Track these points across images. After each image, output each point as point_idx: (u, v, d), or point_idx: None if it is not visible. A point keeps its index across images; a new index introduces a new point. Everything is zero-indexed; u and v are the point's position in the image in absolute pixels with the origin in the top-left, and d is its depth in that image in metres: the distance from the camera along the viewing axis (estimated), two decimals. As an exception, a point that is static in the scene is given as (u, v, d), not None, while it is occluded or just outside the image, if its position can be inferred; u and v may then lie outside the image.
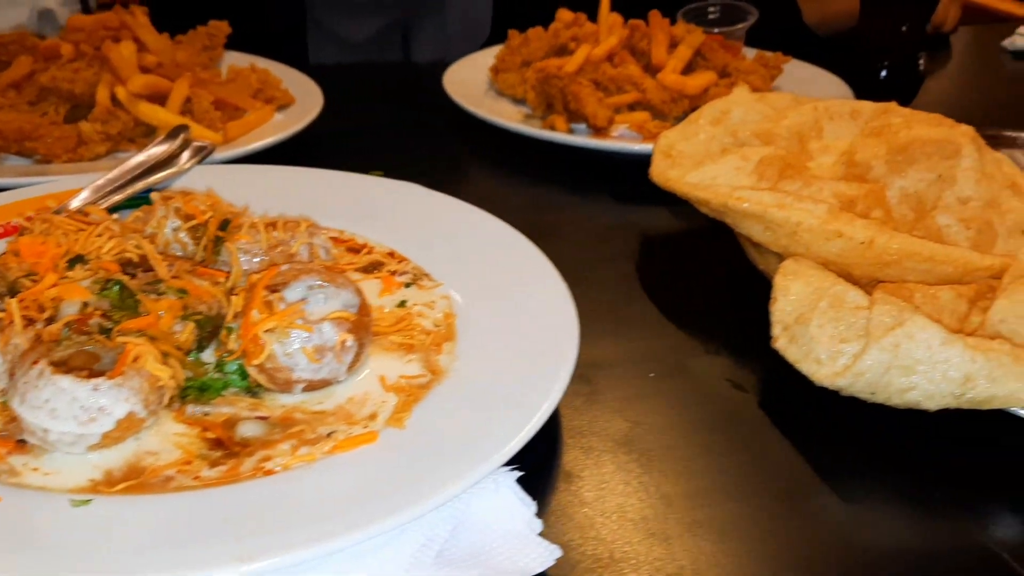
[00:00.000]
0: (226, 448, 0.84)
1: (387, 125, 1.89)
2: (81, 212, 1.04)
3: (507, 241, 1.21)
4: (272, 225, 1.03)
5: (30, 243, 0.93)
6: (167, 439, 0.84)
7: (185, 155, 1.36)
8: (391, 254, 1.21)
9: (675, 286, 1.30)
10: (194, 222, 1.06)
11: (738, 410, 1.02)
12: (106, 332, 0.85)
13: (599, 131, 1.71)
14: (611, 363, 1.09)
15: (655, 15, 1.91)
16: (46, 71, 1.52)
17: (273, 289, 0.93)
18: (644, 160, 1.63)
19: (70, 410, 0.78)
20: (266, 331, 0.88)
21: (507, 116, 1.78)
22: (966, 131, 1.38)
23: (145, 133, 1.53)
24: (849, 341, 0.99)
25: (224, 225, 1.02)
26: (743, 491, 0.89)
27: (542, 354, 0.96)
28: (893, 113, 1.48)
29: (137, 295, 0.89)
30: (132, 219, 1.10)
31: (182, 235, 1.06)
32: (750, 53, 2.06)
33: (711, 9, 2.09)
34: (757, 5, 2.14)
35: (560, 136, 1.66)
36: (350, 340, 0.91)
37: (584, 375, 1.04)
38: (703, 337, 1.16)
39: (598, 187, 1.62)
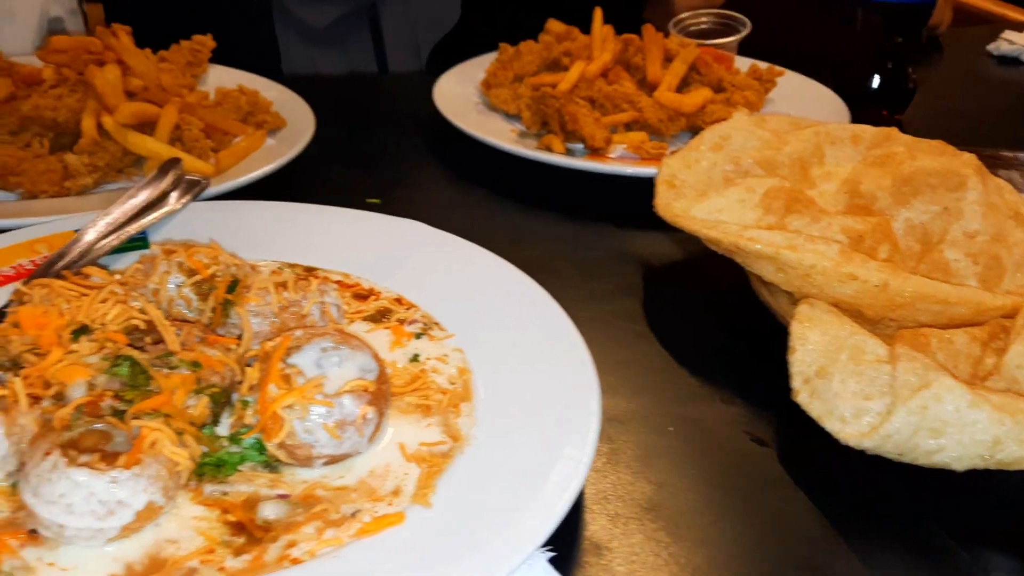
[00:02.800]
0: (248, 532, 0.81)
1: (375, 143, 1.85)
2: (81, 274, 0.99)
3: (516, 286, 1.18)
4: (282, 285, 0.99)
5: (31, 313, 0.89)
6: (186, 524, 0.81)
7: (177, 192, 1.32)
8: (398, 300, 1.18)
9: (682, 325, 1.29)
10: (198, 278, 1.02)
11: (759, 466, 1.01)
12: (118, 414, 0.82)
13: (596, 152, 1.68)
14: (627, 417, 1.07)
15: (649, 29, 1.89)
16: (28, 99, 1.46)
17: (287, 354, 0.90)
18: (643, 182, 1.62)
19: (87, 505, 0.75)
20: (285, 407, 0.85)
21: (500, 133, 1.75)
22: (969, 160, 1.38)
23: (133, 162, 1.49)
24: (873, 398, 0.98)
25: (232, 286, 0.99)
26: (768, 557, 0.88)
27: (565, 417, 0.94)
28: (895, 141, 1.47)
29: (148, 371, 0.85)
30: (132, 272, 1.06)
31: (186, 291, 1.03)
32: (742, 63, 2.04)
33: (703, 19, 2.06)
34: (744, 10, 2.13)
35: (559, 159, 1.63)
36: (371, 412, 0.88)
37: (603, 431, 1.02)
38: (717, 383, 1.15)
39: (596, 210, 1.60)
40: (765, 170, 1.47)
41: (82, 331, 0.89)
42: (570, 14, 2.83)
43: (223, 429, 0.90)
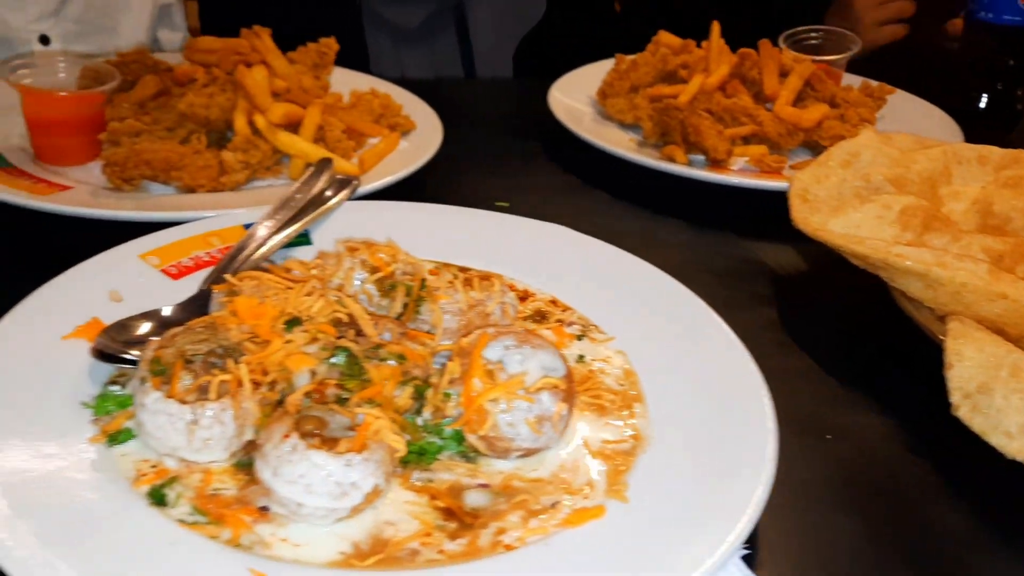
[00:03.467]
0: (458, 518, 0.86)
1: (496, 146, 1.90)
2: (284, 268, 1.05)
3: (667, 289, 1.23)
4: (468, 283, 1.04)
5: (247, 304, 0.94)
6: (401, 508, 0.86)
7: (330, 190, 1.38)
8: (553, 301, 1.23)
9: (822, 335, 1.32)
10: (380, 275, 1.08)
11: (916, 477, 1.04)
12: (341, 401, 0.87)
13: (717, 163, 1.72)
14: (780, 421, 1.10)
15: (766, 44, 1.92)
16: (183, 96, 1.53)
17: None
18: (763, 195, 1.65)
19: (324, 486, 0.80)
20: (490, 401, 0.89)
21: (620, 143, 1.79)
22: (1103, 184, 1.39)
23: (278, 161, 1.55)
24: (1038, 414, 1.01)
25: (423, 283, 1.04)
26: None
27: (740, 418, 0.98)
28: (1024, 163, 1.49)
29: (362, 362, 0.91)
30: (315, 267, 1.12)
31: (368, 286, 1.08)
32: (850, 80, 2.07)
33: (813, 35, 2.09)
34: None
35: (684, 170, 1.66)
36: (565, 409, 0.93)
37: (765, 436, 1.06)
38: (867, 394, 1.18)
39: (717, 221, 1.63)
40: (896, 187, 1.49)
41: (294, 322, 0.94)
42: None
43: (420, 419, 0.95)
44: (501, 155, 1.87)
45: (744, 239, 1.59)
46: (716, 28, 1.93)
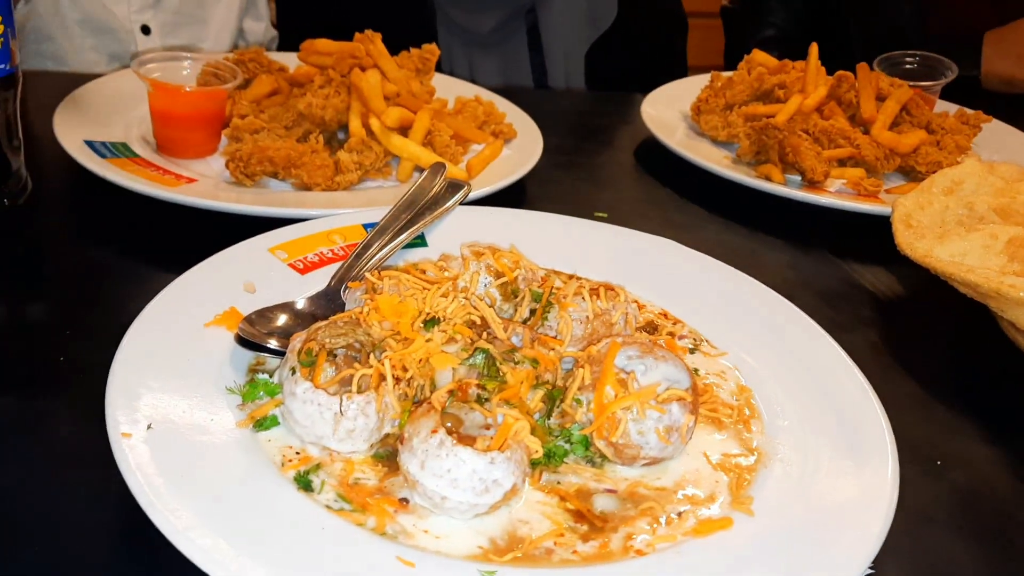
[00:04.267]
0: (589, 521, 0.89)
1: (586, 157, 1.94)
2: (418, 268, 1.09)
3: (773, 305, 1.25)
4: (595, 292, 1.07)
5: (389, 302, 0.98)
6: (533, 508, 0.89)
7: (444, 194, 1.42)
8: (664, 314, 1.25)
9: (927, 360, 1.33)
10: (504, 279, 1.11)
11: (1029, 508, 1.05)
12: (481, 401, 0.91)
13: (814, 184, 1.73)
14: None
15: (863, 68, 1.92)
16: (302, 97, 1.58)
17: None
18: (860, 217, 1.66)
19: (469, 481, 0.83)
20: (623, 409, 0.92)
21: (716, 159, 1.81)
22: None
23: (387, 162, 1.59)
24: None
25: (552, 291, 1.07)
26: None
27: (857, 437, 1.00)
28: None
29: (500, 364, 0.94)
30: (438, 268, 1.15)
31: (492, 290, 1.11)
32: (944, 106, 2.07)
33: (908, 60, 2.09)
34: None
35: (783, 190, 1.68)
36: (692, 421, 0.95)
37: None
38: (976, 421, 1.19)
39: (815, 241, 1.65)
40: (1001, 217, 1.50)
41: (433, 322, 0.98)
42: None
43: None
44: (594, 166, 1.91)
45: (842, 260, 1.60)
46: (814, 49, 1.94)
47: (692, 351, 1.18)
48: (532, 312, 1.08)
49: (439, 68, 2.47)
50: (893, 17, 2.69)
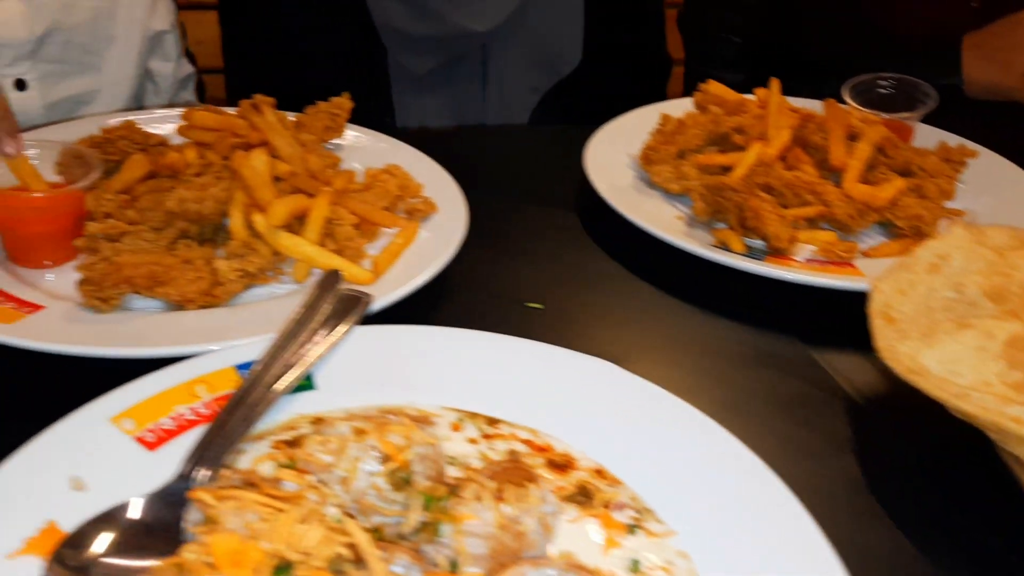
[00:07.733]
0: None
1: (525, 223, 1.70)
2: (272, 480, 0.86)
3: (736, 463, 1.02)
4: (499, 494, 0.85)
5: (226, 546, 0.76)
6: None
7: (338, 315, 1.19)
8: (599, 472, 1.04)
9: (920, 503, 1.11)
10: (392, 465, 0.89)
11: None
12: None
13: (778, 252, 1.51)
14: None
15: (831, 104, 1.70)
16: (172, 191, 1.34)
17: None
18: (834, 293, 1.45)
19: None
20: None
21: (666, 221, 1.59)
22: None
23: (279, 263, 1.36)
24: None
25: (443, 496, 0.85)
26: None
27: None
28: None
29: (368, 634, 0.72)
30: (312, 448, 0.93)
31: (378, 480, 0.89)
32: (923, 137, 1.85)
33: (881, 84, 1.86)
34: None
35: (742, 263, 1.45)
36: None
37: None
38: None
39: (782, 324, 1.42)
40: (994, 302, 1.29)
41: (284, 570, 0.75)
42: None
43: None
44: (532, 233, 1.67)
45: (814, 349, 1.38)
46: (775, 86, 1.71)
47: (633, 530, 0.96)
48: (423, 524, 0.86)
49: (389, 109, 2.25)
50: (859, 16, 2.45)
